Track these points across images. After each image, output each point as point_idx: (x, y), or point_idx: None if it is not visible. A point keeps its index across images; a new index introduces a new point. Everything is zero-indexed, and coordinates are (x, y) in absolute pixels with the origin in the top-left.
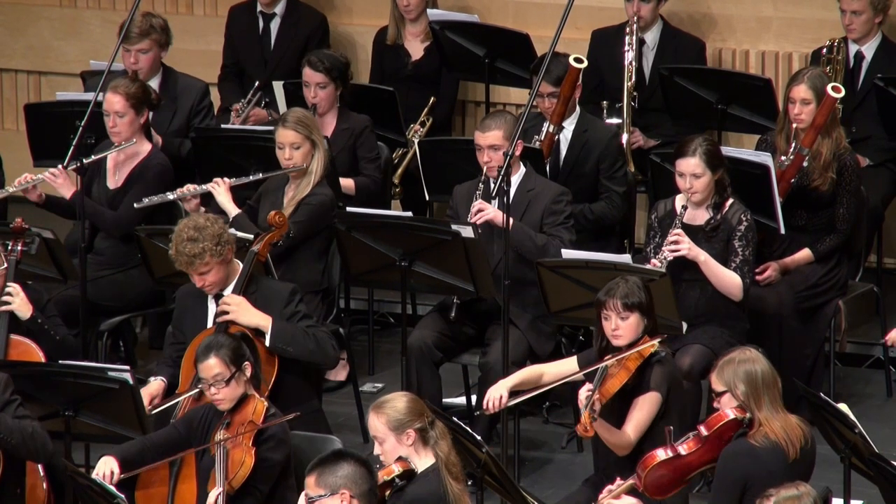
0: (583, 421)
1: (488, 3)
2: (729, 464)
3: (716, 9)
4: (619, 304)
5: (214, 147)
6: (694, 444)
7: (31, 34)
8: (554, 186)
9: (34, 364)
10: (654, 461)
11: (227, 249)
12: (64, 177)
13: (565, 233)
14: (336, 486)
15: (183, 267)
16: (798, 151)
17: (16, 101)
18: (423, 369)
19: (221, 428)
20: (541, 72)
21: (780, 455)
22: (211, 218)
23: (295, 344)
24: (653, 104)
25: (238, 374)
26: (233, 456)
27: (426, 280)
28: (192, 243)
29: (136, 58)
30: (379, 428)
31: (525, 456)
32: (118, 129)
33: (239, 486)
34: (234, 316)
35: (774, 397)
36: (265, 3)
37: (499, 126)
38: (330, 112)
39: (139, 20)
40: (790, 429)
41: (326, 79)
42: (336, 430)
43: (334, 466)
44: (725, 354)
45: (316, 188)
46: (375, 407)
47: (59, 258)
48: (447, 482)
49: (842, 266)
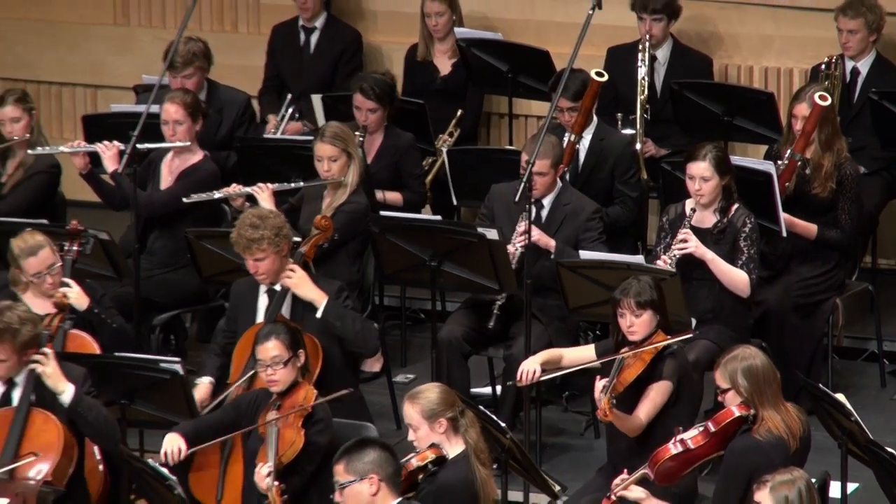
0: (602, 406)
1: (511, 22)
2: (736, 459)
3: (722, 28)
4: (632, 302)
5: (258, 155)
6: (702, 438)
7: (87, 51)
8: (588, 203)
9: (92, 356)
10: (666, 455)
11: (284, 243)
12: (114, 151)
13: (602, 247)
14: (364, 471)
15: (241, 250)
16: (791, 157)
17: (74, 113)
18: (453, 361)
19: (273, 410)
20: (559, 88)
21: (782, 448)
22: (274, 212)
23: (343, 321)
24: (664, 116)
25: (293, 359)
26: (284, 435)
27: (454, 279)
28: (253, 229)
29: (181, 83)
30: (413, 416)
31: (546, 442)
32: (177, 136)
33: (287, 464)
34: (295, 284)
35: (775, 392)
36: (307, 18)
37: (546, 155)
38: (378, 130)
39: (182, 49)
40: (791, 422)
41: (377, 104)
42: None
43: (361, 453)
44: (728, 352)
45: (351, 196)
46: (410, 396)
47: (114, 258)
48: (476, 468)
49: (840, 267)
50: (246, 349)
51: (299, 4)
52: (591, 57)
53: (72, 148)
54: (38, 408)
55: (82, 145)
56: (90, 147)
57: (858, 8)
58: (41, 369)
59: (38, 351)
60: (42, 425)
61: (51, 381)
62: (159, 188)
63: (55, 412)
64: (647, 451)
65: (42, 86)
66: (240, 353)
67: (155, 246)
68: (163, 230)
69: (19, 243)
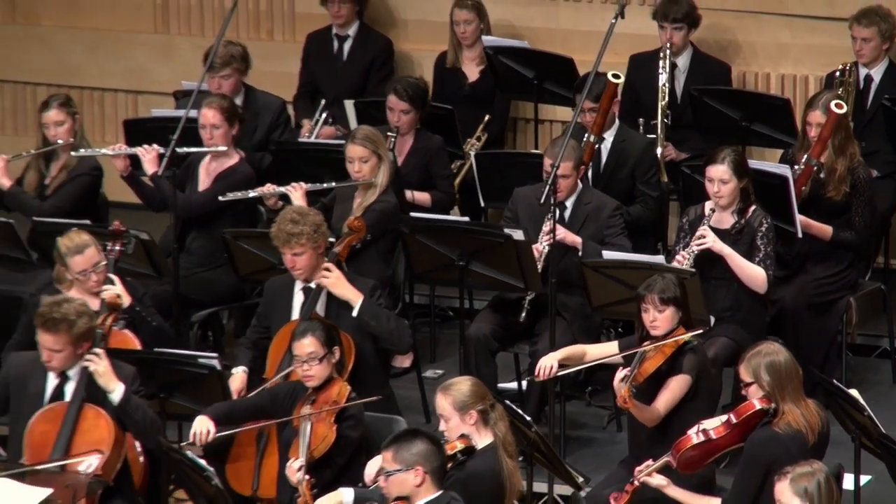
0: (622, 394)
1: (537, 30)
2: (756, 450)
3: (740, 36)
4: (656, 298)
5: (293, 158)
6: (724, 429)
7: (129, 58)
8: (609, 200)
9: (133, 351)
10: (689, 443)
11: (322, 240)
12: (153, 154)
13: (626, 241)
14: (411, 462)
15: (280, 244)
16: (808, 162)
17: (115, 118)
18: (481, 357)
19: (307, 404)
20: (584, 90)
21: (801, 441)
22: (314, 210)
23: (378, 320)
24: (684, 121)
25: (329, 355)
26: (316, 430)
27: (481, 278)
28: (293, 224)
29: (219, 83)
30: (445, 407)
31: (570, 435)
32: (215, 140)
33: (319, 458)
34: (332, 284)
35: (796, 387)
36: (340, 26)
37: (569, 157)
38: (409, 133)
39: (221, 51)
40: (811, 416)
41: (409, 106)
42: (401, 411)
43: (409, 444)
44: (752, 347)
45: (381, 196)
46: (443, 388)
47: (154, 257)
48: (503, 459)
49: (853, 267)
50: (282, 345)
51: (333, 13)
52: (615, 64)
53: (113, 151)
54: (90, 403)
55: (123, 148)
56: (131, 150)
57: (872, 17)
58: (93, 368)
59: (91, 349)
60: (94, 421)
61: (103, 380)
62: (197, 190)
63: (105, 408)
64: (665, 442)
65: (85, 91)
66: (276, 349)
67: (193, 246)
68: (200, 231)
69: (66, 242)
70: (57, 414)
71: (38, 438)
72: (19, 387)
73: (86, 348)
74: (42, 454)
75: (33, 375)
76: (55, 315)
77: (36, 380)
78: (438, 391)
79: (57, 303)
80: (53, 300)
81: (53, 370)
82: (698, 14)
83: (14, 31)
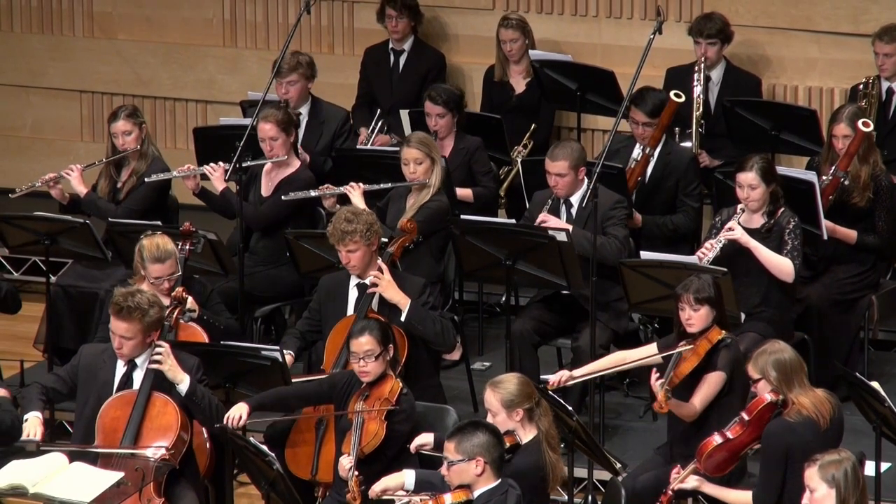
0: (659, 399)
1: (580, 45)
2: (772, 440)
3: (770, 51)
4: (691, 297)
5: (350, 163)
6: (739, 428)
7: (199, 70)
8: (611, 194)
9: (200, 344)
10: (710, 447)
11: (375, 238)
12: (220, 172)
13: (620, 230)
14: (473, 452)
15: (335, 241)
16: (835, 174)
17: (186, 126)
18: (524, 351)
19: (361, 399)
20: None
21: (813, 426)
22: (367, 209)
23: (425, 324)
24: (717, 130)
25: (384, 352)
26: (367, 426)
27: (527, 276)
28: (347, 223)
29: (286, 89)
30: (493, 403)
31: (609, 424)
32: (274, 151)
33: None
34: (382, 288)
35: (802, 379)
36: (396, 41)
37: (566, 157)
38: (448, 136)
39: (289, 58)
40: (819, 403)
41: (444, 110)
42: (451, 401)
43: (471, 435)
44: (758, 347)
45: (434, 196)
46: (492, 384)
47: (221, 256)
48: (546, 453)
49: (875, 268)
50: (338, 339)
51: (390, 28)
52: (652, 77)
53: (181, 172)
54: (158, 391)
55: (192, 169)
56: (199, 170)
57: (893, 34)
58: (159, 367)
59: (158, 342)
60: (162, 408)
61: (170, 374)
62: (260, 194)
63: (172, 396)
64: (700, 436)
65: (158, 101)
66: (332, 343)
67: (257, 246)
68: (264, 232)
69: (152, 247)
70: (127, 401)
71: (109, 424)
72: (89, 375)
73: (154, 337)
74: (113, 439)
75: (103, 364)
76: (129, 304)
77: (105, 368)
78: (488, 387)
79: (131, 293)
80: (127, 290)
81: (123, 357)
82: (731, 30)
83: (92, 45)
